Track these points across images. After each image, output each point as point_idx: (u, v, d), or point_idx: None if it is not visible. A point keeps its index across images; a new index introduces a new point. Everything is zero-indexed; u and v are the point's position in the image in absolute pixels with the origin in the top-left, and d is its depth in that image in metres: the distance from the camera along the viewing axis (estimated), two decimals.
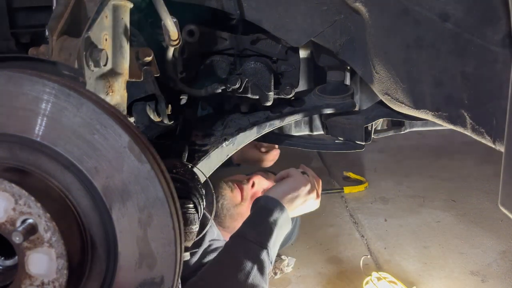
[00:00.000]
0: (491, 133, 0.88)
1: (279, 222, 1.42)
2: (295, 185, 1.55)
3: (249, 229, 1.39)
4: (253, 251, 1.33)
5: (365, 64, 1.13)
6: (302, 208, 1.57)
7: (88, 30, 0.77)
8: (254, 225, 1.40)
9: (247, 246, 1.34)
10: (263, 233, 1.37)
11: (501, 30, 0.82)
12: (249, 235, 1.36)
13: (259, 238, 1.36)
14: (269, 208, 1.44)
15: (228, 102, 1.37)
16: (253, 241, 1.35)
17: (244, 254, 1.32)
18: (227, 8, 1.13)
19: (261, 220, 1.41)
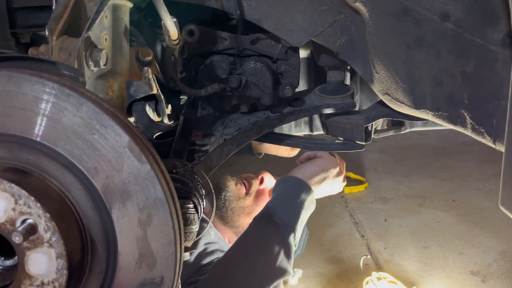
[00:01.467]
0: (491, 133, 0.88)
1: (305, 204, 1.36)
2: (325, 165, 1.49)
3: (276, 210, 1.32)
4: (281, 233, 1.28)
5: (365, 64, 1.13)
6: (328, 190, 1.51)
7: (88, 30, 0.78)
8: (281, 206, 1.34)
9: (275, 228, 1.28)
10: (291, 215, 1.32)
11: (501, 30, 0.82)
12: (276, 216, 1.30)
13: (287, 220, 1.30)
14: (297, 189, 1.38)
15: (228, 102, 1.37)
16: (280, 223, 1.29)
17: (273, 237, 1.26)
18: (227, 8, 1.13)
19: (288, 202, 1.35)
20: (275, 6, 1.11)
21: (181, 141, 1.20)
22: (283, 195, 1.38)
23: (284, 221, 1.30)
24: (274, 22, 1.13)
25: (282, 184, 1.43)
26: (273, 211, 1.32)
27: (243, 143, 1.30)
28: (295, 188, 1.38)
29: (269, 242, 1.25)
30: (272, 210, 1.33)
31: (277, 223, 1.29)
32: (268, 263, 1.23)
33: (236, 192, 1.69)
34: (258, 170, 2.09)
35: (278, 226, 1.28)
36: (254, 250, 1.26)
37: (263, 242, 1.26)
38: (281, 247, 1.25)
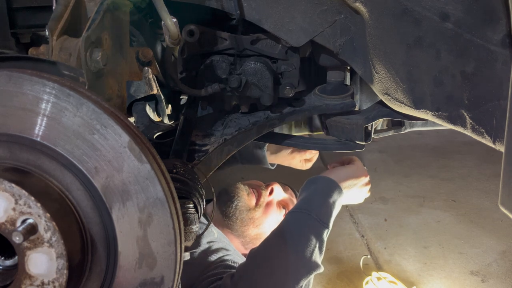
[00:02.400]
0: (491, 133, 0.88)
1: (336, 204, 1.41)
2: (357, 173, 1.54)
3: (314, 206, 1.37)
4: (318, 229, 1.32)
5: (365, 64, 1.13)
6: (355, 197, 1.56)
7: (88, 30, 0.78)
8: (318, 203, 1.38)
9: (313, 223, 1.32)
10: (325, 213, 1.36)
11: (501, 30, 0.82)
12: (314, 212, 1.35)
13: (322, 217, 1.35)
14: (329, 189, 1.42)
15: (228, 102, 1.37)
16: (317, 219, 1.33)
17: (310, 231, 1.30)
18: (227, 8, 1.13)
19: (323, 200, 1.39)
20: (275, 6, 1.11)
21: (181, 141, 1.20)
22: (318, 193, 1.42)
23: (320, 217, 1.34)
24: (274, 22, 1.13)
25: (316, 182, 1.46)
26: (311, 206, 1.36)
27: (243, 143, 1.30)
28: (329, 188, 1.42)
29: (308, 235, 1.29)
30: (310, 205, 1.37)
31: (314, 218, 1.33)
32: (305, 256, 1.26)
33: (247, 202, 1.69)
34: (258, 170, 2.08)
35: (315, 221, 1.32)
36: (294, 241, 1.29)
37: (303, 234, 1.29)
38: (317, 242, 1.29)
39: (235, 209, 1.67)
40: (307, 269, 1.26)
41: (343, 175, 1.50)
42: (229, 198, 1.69)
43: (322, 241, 1.31)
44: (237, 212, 1.67)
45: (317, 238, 1.30)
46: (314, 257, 1.28)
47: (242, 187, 1.73)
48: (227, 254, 1.50)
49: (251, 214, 1.68)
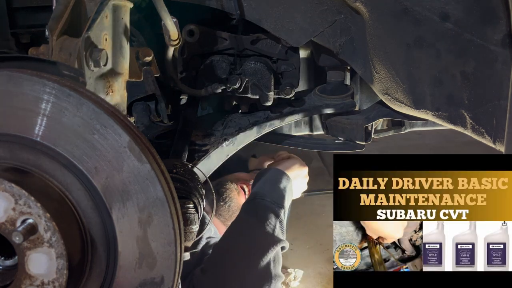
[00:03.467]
0: (491, 133, 0.88)
1: (287, 190, 1.49)
2: (298, 164, 1.63)
3: (265, 193, 1.44)
4: (274, 209, 1.39)
5: (365, 64, 1.13)
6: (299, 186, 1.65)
7: (88, 30, 0.77)
8: (269, 189, 1.46)
9: (268, 205, 1.40)
10: (278, 196, 1.44)
11: (501, 30, 0.82)
12: (267, 196, 1.42)
13: (276, 199, 1.42)
14: (278, 177, 1.51)
15: (228, 102, 1.36)
16: (271, 201, 1.41)
17: (267, 211, 1.38)
18: (227, 8, 1.13)
19: (273, 187, 1.48)
20: (275, 6, 1.11)
21: (181, 141, 1.20)
22: (268, 182, 1.51)
23: (274, 200, 1.43)
24: (274, 22, 1.13)
25: (264, 173, 1.56)
26: (263, 193, 1.45)
27: (243, 143, 1.30)
28: (277, 177, 1.52)
29: (265, 215, 1.37)
30: (261, 193, 1.45)
31: (268, 201, 1.42)
32: (267, 232, 1.34)
33: (238, 201, 1.77)
34: None
35: (269, 204, 1.41)
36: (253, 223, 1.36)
37: (260, 216, 1.37)
38: (276, 220, 1.38)
39: (228, 209, 1.74)
40: (271, 243, 1.33)
41: (287, 166, 1.59)
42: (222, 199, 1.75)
43: (281, 220, 1.39)
44: (230, 212, 1.74)
45: (276, 216, 1.38)
46: (276, 233, 1.35)
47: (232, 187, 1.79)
48: None
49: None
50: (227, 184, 1.78)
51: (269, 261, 1.30)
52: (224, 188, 1.76)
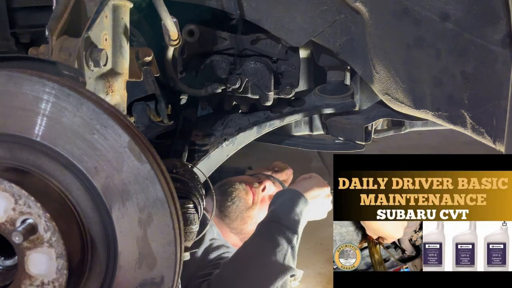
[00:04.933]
0: (491, 133, 0.88)
1: (303, 213, 1.50)
2: (320, 184, 1.63)
3: (282, 215, 1.46)
4: (287, 235, 1.40)
5: (365, 64, 1.13)
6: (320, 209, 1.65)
7: (88, 30, 0.77)
8: (285, 212, 1.47)
9: (282, 229, 1.41)
10: (293, 221, 1.45)
11: (501, 30, 0.82)
12: (282, 220, 1.43)
13: (291, 224, 1.43)
14: (295, 199, 1.51)
15: (228, 102, 1.36)
16: (286, 226, 1.42)
17: (281, 237, 1.39)
18: (227, 8, 1.13)
19: (289, 209, 1.48)
20: (275, 6, 1.11)
21: (181, 141, 1.20)
22: (285, 203, 1.52)
23: (289, 225, 1.44)
24: (274, 22, 1.13)
25: (283, 194, 1.57)
26: (280, 216, 1.46)
27: (243, 143, 1.30)
28: (294, 199, 1.53)
29: (278, 241, 1.37)
30: (279, 215, 1.47)
31: (283, 225, 1.42)
32: (277, 260, 1.34)
33: (247, 201, 1.76)
34: None
35: (284, 229, 1.42)
36: (266, 247, 1.37)
37: (273, 240, 1.38)
38: (288, 247, 1.38)
39: (236, 209, 1.71)
40: (280, 272, 1.33)
41: (307, 186, 1.59)
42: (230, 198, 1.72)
43: (293, 247, 1.40)
44: (237, 212, 1.72)
45: (288, 243, 1.39)
46: (286, 260, 1.36)
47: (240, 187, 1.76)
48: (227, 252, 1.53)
49: (249, 212, 1.75)
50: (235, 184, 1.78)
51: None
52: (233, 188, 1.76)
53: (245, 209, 1.72)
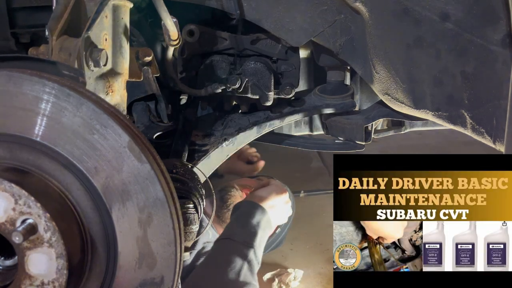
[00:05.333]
0: (491, 133, 0.88)
1: (261, 224, 1.46)
2: (278, 191, 1.61)
3: (234, 231, 1.42)
4: (241, 250, 1.36)
5: (365, 64, 1.13)
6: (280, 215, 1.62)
7: (88, 30, 0.77)
8: (239, 227, 1.44)
9: (234, 246, 1.37)
10: (248, 234, 1.41)
11: (501, 30, 0.82)
12: (235, 236, 1.39)
13: (244, 238, 1.39)
14: (251, 211, 1.48)
15: (228, 102, 1.36)
16: (239, 242, 1.38)
17: (233, 254, 1.35)
18: (227, 8, 1.13)
19: (244, 223, 1.44)
20: (275, 6, 1.11)
21: (181, 141, 1.20)
22: (239, 218, 1.49)
23: (243, 239, 1.39)
24: (274, 22, 1.13)
25: (239, 207, 1.53)
26: (232, 232, 1.42)
27: (243, 143, 1.30)
28: (250, 210, 1.49)
29: (231, 259, 1.34)
30: (231, 231, 1.43)
31: (236, 242, 1.38)
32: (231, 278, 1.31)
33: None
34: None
35: (236, 245, 1.38)
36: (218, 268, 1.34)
37: (226, 259, 1.34)
38: (243, 262, 1.34)
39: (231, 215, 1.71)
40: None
41: (263, 196, 1.56)
42: (225, 206, 1.73)
43: (250, 261, 1.36)
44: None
45: (243, 258, 1.35)
46: (242, 277, 1.32)
47: (236, 194, 1.77)
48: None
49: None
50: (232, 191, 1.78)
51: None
52: (229, 195, 1.76)
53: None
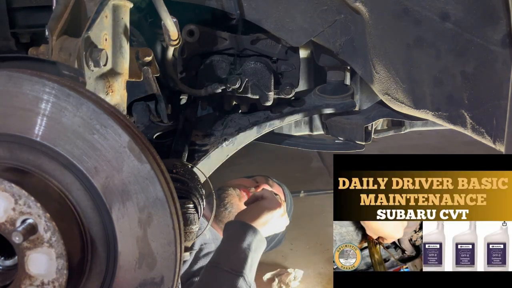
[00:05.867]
0: (491, 133, 0.88)
1: (253, 246, 1.39)
2: (270, 206, 1.53)
3: (222, 258, 1.35)
4: (229, 279, 1.30)
5: (365, 64, 1.13)
6: (274, 229, 1.56)
7: (88, 30, 0.77)
8: (227, 253, 1.37)
9: (222, 276, 1.30)
10: (237, 260, 1.34)
11: (501, 30, 0.82)
12: (222, 264, 1.33)
13: (233, 266, 1.32)
14: (241, 233, 1.40)
15: (228, 102, 1.36)
16: (228, 270, 1.31)
17: (220, 284, 1.29)
18: (227, 8, 1.13)
19: (234, 247, 1.37)
20: (275, 6, 1.11)
21: (181, 141, 1.20)
22: (228, 241, 1.42)
23: (231, 267, 1.31)
24: (274, 22, 1.13)
25: (228, 229, 1.46)
26: (220, 259, 1.35)
27: (243, 143, 1.30)
28: (240, 233, 1.41)
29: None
30: (218, 258, 1.36)
31: (224, 270, 1.31)
32: None
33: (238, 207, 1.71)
34: (257, 170, 2.08)
35: (223, 273, 1.31)
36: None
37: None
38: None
39: (228, 215, 1.72)
40: None
41: (255, 213, 1.48)
42: (223, 204, 1.72)
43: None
44: (230, 217, 1.70)
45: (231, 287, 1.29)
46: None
47: (233, 193, 1.76)
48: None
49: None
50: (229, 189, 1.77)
51: None
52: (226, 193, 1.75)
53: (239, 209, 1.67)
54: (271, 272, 2.06)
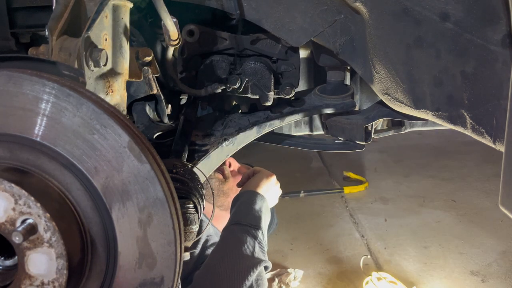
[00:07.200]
0: (491, 133, 0.88)
1: (263, 209, 1.57)
2: (266, 176, 1.72)
3: (241, 216, 1.52)
4: (251, 231, 1.46)
5: (365, 64, 1.13)
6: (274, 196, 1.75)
7: (88, 30, 0.77)
8: (244, 213, 1.54)
9: (244, 228, 1.47)
10: (254, 218, 1.51)
11: (501, 30, 0.82)
12: (243, 220, 1.49)
13: (252, 221, 1.49)
14: (252, 199, 1.59)
15: (228, 102, 1.37)
16: (247, 225, 1.48)
17: (244, 235, 1.44)
18: (227, 8, 1.13)
19: (248, 209, 1.55)
20: (275, 6, 1.11)
21: (181, 141, 1.20)
22: (243, 205, 1.59)
23: (250, 222, 1.50)
24: (274, 22, 1.13)
25: (240, 198, 1.64)
26: (239, 217, 1.52)
27: (243, 143, 1.30)
28: (251, 198, 1.60)
29: (243, 239, 1.44)
30: (238, 217, 1.53)
31: (245, 225, 1.49)
32: (246, 256, 1.41)
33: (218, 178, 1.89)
34: None
35: (246, 227, 1.48)
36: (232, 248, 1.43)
37: (239, 240, 1.44)
38: (255, 242, 1.45)
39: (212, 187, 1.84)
40: (252, 265, 1.39)
41: (257, 183, 1.68)
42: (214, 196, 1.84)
43: (260, 241, 1.47)
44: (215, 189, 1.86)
45: (254, 238, 1.45)
46: (256, 254, 1.43)
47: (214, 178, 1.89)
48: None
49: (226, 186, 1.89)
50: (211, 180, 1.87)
51: (251, 284, 1.35)
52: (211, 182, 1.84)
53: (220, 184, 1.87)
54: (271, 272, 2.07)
